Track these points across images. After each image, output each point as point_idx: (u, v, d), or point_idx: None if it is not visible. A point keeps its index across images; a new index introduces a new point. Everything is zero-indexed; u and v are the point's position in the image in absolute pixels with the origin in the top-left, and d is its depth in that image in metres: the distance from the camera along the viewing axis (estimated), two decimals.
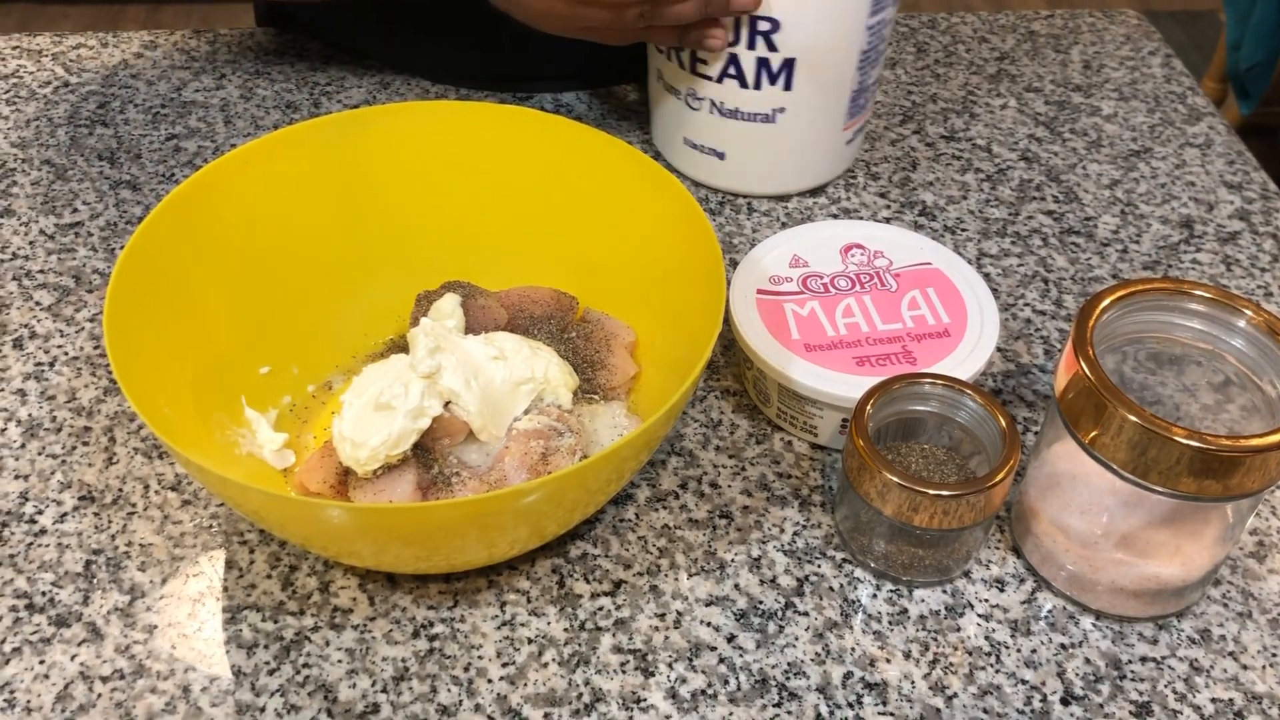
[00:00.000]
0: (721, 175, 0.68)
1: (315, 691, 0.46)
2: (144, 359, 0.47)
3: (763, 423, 0.56)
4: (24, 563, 0.49)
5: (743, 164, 0.67)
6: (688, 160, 0.69)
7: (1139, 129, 0.76)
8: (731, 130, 0.65)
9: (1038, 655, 0.48)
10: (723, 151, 0.67)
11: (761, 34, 0.61)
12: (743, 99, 0.64)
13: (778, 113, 0.64)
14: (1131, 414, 0.43)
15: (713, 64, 0.63)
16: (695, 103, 0.65)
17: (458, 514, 0.43)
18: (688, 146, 0.68)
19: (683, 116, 0.67)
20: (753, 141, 0.66)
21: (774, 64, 0.62)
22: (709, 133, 0.66)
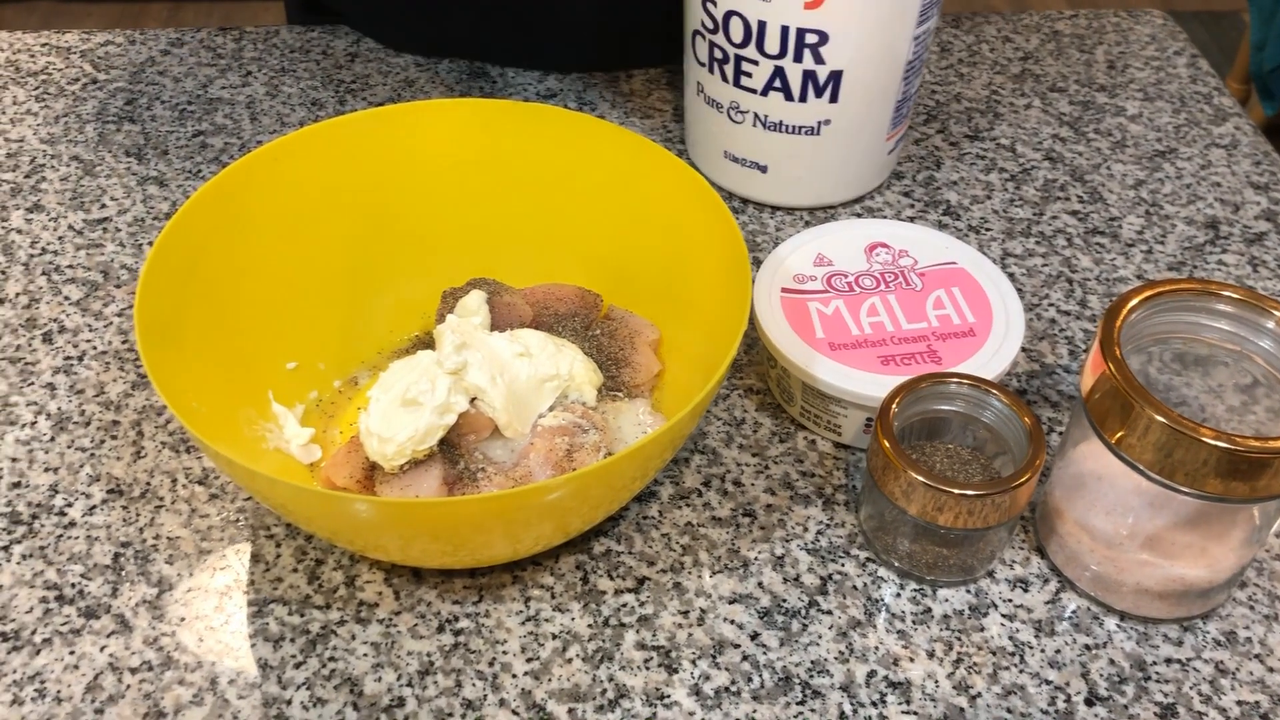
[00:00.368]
0: (763, 188, 0.68)
1: (341, 685, 0.46)
2: (173, 354, 0.47)
3: (786, 421, 0.57)
4: (54, 554, 0.50)
5: (785, 176, 0.66)
6: (727, 174, 0.68)
7: (1164, 129, 0.76)
8: (774, 143, 0.65)
9: (1062, 656, 0.48)
10: (765, 165, 0.66)
11: (809, 47, 0.60)
12: (788, 111, 0.63)
13: (823, 125, 0.64)
14: (1159, 414, 0.43)
15: (757, 77, 0.62)
16: (738, 116, 0.65)
17: (483, 509, 0.43)
18: (728, 160, 0.67)
19: (724, 130, 0.66)
20: (796, 154, 0.65)
21: (820, 76, 0.61)
22: (751, 146, 0.66)
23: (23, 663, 0.46)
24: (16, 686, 0.46)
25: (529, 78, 0.77)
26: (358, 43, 0.79)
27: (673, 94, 0.77)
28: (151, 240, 0.65)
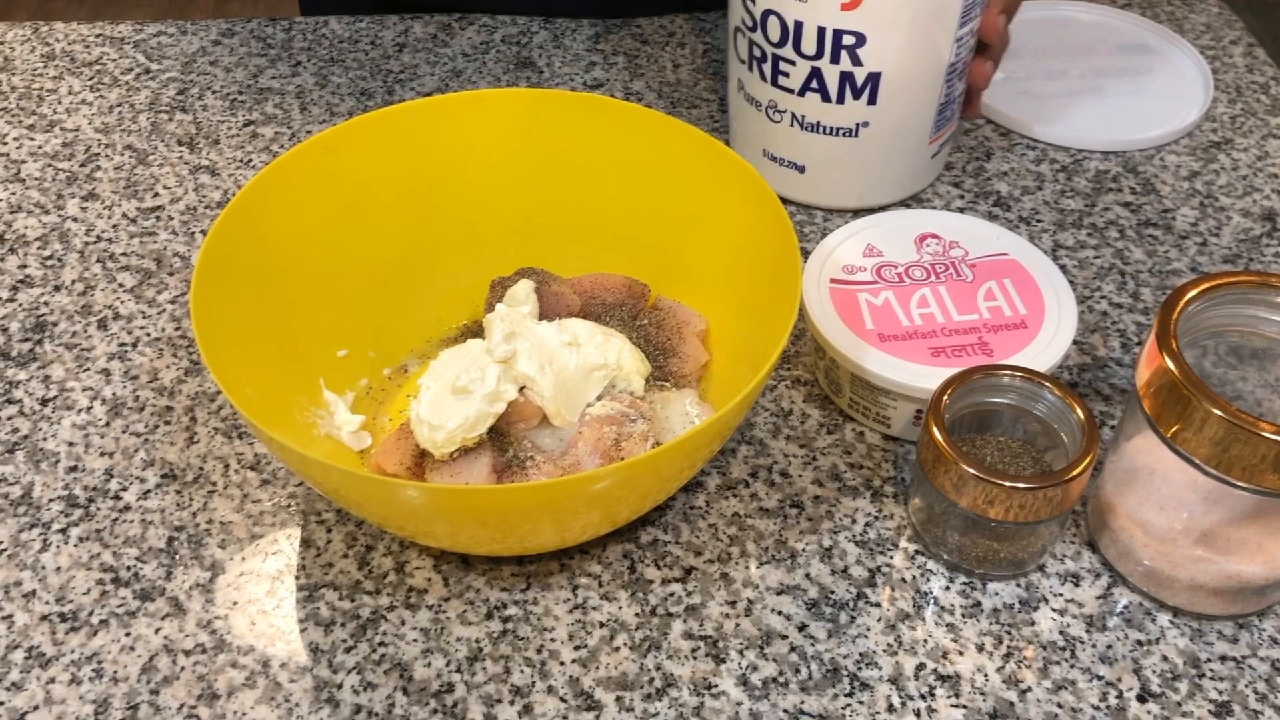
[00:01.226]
0: (801, 189, 0.67)
1: (391, 670, 0.46)
2: (228, 341, 0.48)
3: (834, 413, 0.56)
4: (110, 538, 0.51)
5: (823, 178, 0.66)
6: (766, 173, 0.68)
7: (1219, 119, 0.74)
8: (812, 144, 0.64)
9: (1113, 651, 0.47)
10: (803, 165, 0.66)
11: (846, 48, 0.59)
12: (825, 113, 0.63)
13: (861, 127, 0.63)
14: (1217, 408, 0.43)
15: (794, 77, 0.62)
16: (776, 115, 0.64)
17: (533, 497, 0.44)
18: (767, 159, 0.67)
19: (763, 129, 0.66)
20: (834, 155, 0.65)
21: (858, 78, 0.61)
22: (789, 146, 0.65)
23: (80, 643, 0.47)
24: (75, 666, 0.46)
25: (575, 68, 0.77)
26: (405, 33, 0.80)
27: (719, 83, 0.76)
28: (204, 229, 0.65)
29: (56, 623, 0.48)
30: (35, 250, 0.64)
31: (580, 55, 0.78)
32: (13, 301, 0.61)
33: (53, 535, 0.51)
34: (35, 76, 0.76)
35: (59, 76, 0.76)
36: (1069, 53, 0.78)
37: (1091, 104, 0.74)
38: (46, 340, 0.59)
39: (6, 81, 0.75)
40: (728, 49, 0.67)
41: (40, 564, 0.50)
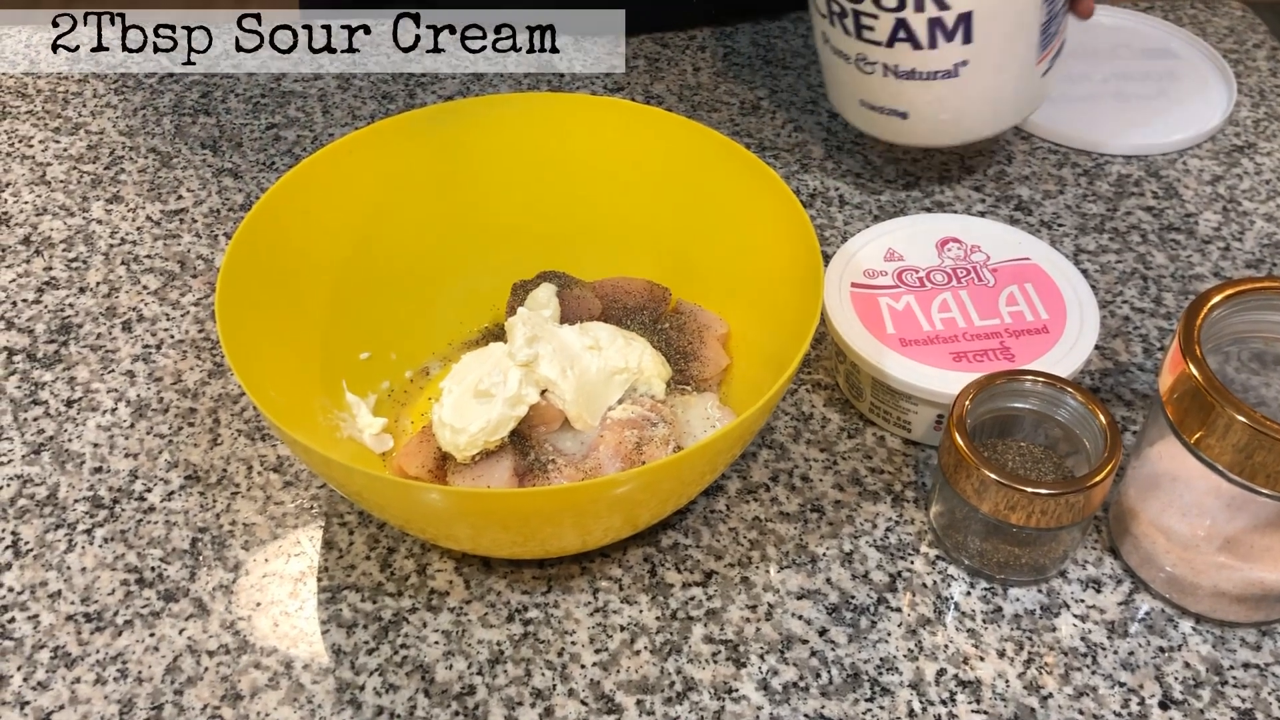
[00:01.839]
0: (907, 133, 0.64)
1: (413, 672, 0.47)
2: (252, 344, 0.48)
3: (855, 417, 0.56)
4: (134, 538, 0.51)
5: (929, 120, 0.63)
6: (868, 121, 0.65)
7: (1242, 123, 0.74)
8: (911, 90, 0.61)
9: (1135, 658, 0.47)
10: (904, 111, 0.63)
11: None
12: (918, 59, 0.60)
13: (960, 66, 0.60)
14: (1240, 415, 0.43)
15: (879, 29, 0.59)
16: (867, 67, 0.62)
17: (555, 501, 0.44)
18: (865, 108, 0.64)
19: (855, 79, 0.63)
20: (937, 98, 0.61)
21: (948, 21, 0.58)
22: (886, 95, 0.62)
23: (105, 643, 0.47)
24: (100, 666, 0.47)
25: (596, 69, 0.77)
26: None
27: (739, 87, 0.76)
28: (227, 231, 0.66)
29: (82, 623, 0.48)
30: (60, 252, 0.64)
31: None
32: (38, 303, 0.62)
33: (78, 536, 0.51)
34: (60, 79, 0.77)
35: (84, 79, 0.77)
36: (1091, 57, 0.78)
37: (1113, 108, 0.74)
38: (72, 342, 0.60)
39: (33, 85, 0.76)
40: (810, 4, 0.64)
41: (66, 564, 0.50)
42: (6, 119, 0.73)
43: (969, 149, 0.71)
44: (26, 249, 0.65)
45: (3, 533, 0.51)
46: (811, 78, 0.77)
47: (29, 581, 0.50)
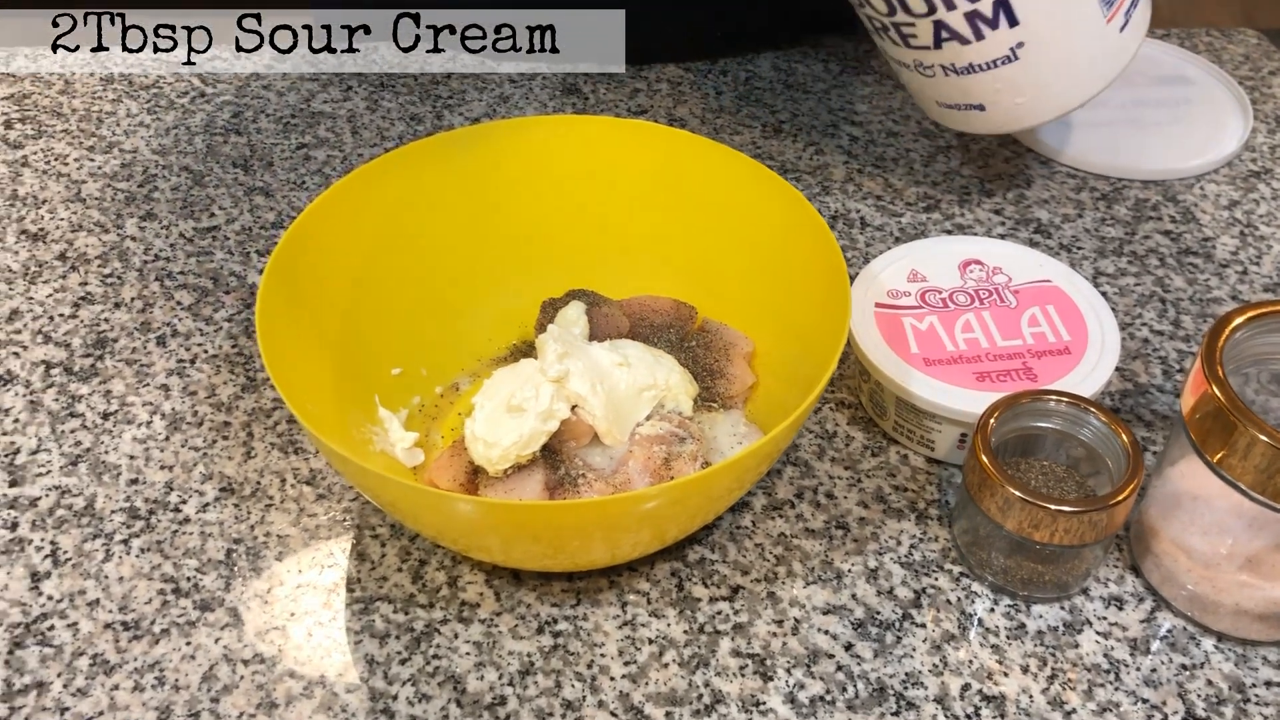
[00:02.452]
0: (991, 123, 0.63)
1: (445, 682, 0.47)
2: (288, 359, 0.49)
3: (878, 435, 0.57)
4: (170, 549, 0.52)
5: (1008, 106, 0.62)
6: (952, 119, 0.65)
7: (1259, 149, 0.75)
8: (977, 83, 0.61)
9: (1158, 675, 0.48)
10: (980, 104, 0.62)
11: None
12: (971, 54, 0.59)
13: (1017, 49, 0.59)
14: (1263, 434, 0.43)
15: (922, 36, 0.59)
16: (926, 71, 0.62)
17: (585, 514, 0.45)
18: (944, 108, 0.65)
19: (922, 84, 0.64)
20: (1008, 84, 0.60)
21: (985, 10, 0.57)
22: (956, 93, 0.62)
23: (143, 651, 0.48)
24: (138, 674, 0.47)
25: (619, 94, 0.79)
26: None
27: (760, 110, 0.78)
28: (259, 248, 0.67)
29: (119, 631, 0.49)
30: (96, 268, 0.66)
31: (625, 82, 0.80)
32: (74, 318, 0.63)
33: (115, 546, 0.52)
34: (95, 99, 0.78)
35: (117, 99, 0.78)
36: None
37: (1131, 133, 0.75)
38: (107, 356, 0.61)
39: (67, 104, 0.77)
40: (859, 22, 0.64)
41: (104, 573, 0.51)
42: (43, 137, 0.75)
43: (989, 173, 0.72)
44: (63, 264, 0.66)
45: (42, 542, 0.52)
46: (832, 101, 0.79)
47: (68, 590, 0.50)
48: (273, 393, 0.59)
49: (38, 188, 0.71)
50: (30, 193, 0.71)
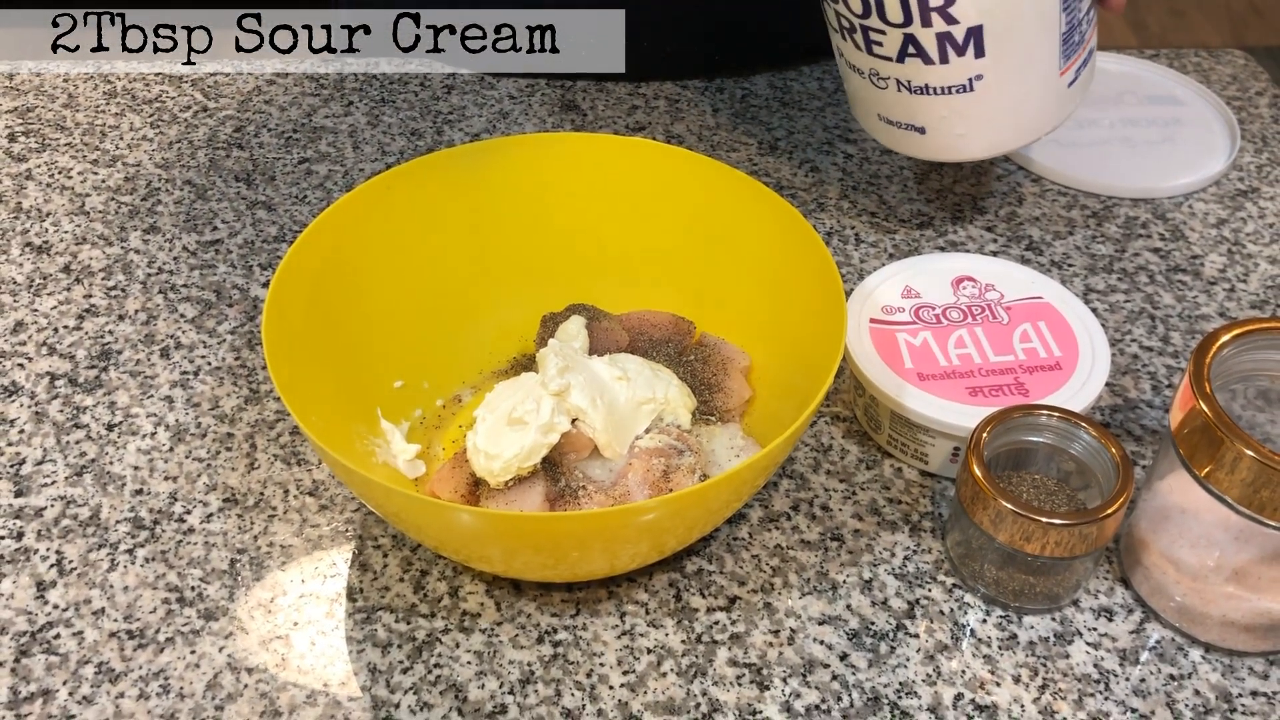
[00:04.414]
0: (927, 148, 0.64)
1: (446, 691, 0.48)
2: (294, 371, 0.50)
3: (873, 449, 0.58)
4: (174, 559, 0.53)
5: (947, 135, 0.62)
6: (888, 136, 0.65)
7: (1246, 168, 0.76)
8: (926, 105, 0.61)
9: (1146, 685, 0.49)
10: (922, 126, 0.62)
11: (935, 10, 0.56)
12: (931, 75, 0.59)
13: (975, 80, 0.59)
14: (1250, 450, 0.44)
15: (888, 45, 0.59)
16: (880, 82, 0.61)
17: (585, 525, 0.45)
18: (883, 123, 0.64)
19: (872, 94, 0.63)
20: (954, 112, 0.61)
21: (958, 36, 0.57)
22: (902, 110, 0.62)
23: (148, 659, 0.49)
24: (142, 682, 0.48)
25: (617, 111, 0.80)
26: (453, 75, 0.82)
27: (757, 127, 0.79)
28: (261, 262, 0.68)
29: (124, 640, 0.50)
30: (100, 280, 0.66)
31: (623, 99, 0.81)
32: (79, 330, 0.63)
33: (120, 555, 0.53)
34: (98, 113, 0.79)
35: (121, 113, 0.79)
36: (1099, 103, 0.80)
37: (1121, 152, 0.76)
38: (112, 367, 0.61)
39: (70, 118, 0.78)
40: (825, 15, 0.64)
41: (109, 583, 0.52)
42: (46, 151, 0.75)
43: (981, 190, 0.74)
44: (67, 277, 0.67)
45: (47, 552, 0.53)
46: (827, 119, 0.80)
47: (73, 599, 0.51)
48: (276, 404, 0.59)
49: (42, 200, 0.72)
50: (34, 205, 0.71)
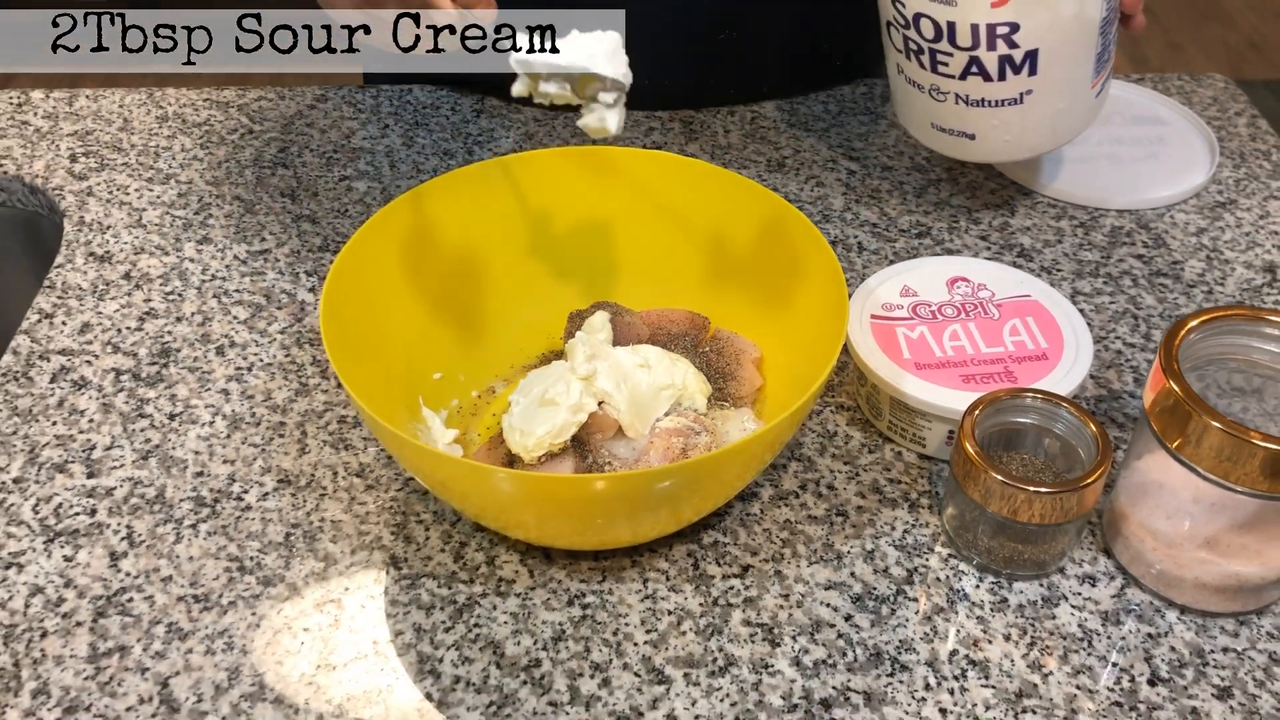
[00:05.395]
0: (973, 152, 0.72)
1: (485, 647, 0.53)
2: (345, 364, 0.55)
3: (874, 435, 0.63)
4: (234, 532, 0.58)
5: (994, 141, 0.71)
6: (939, 141, 0.73)
7: (1225, 182, 0.81)
8: (979, 116, 0.69)
9: (1126, 642, 0.53)
10: (972, 134, 0.70)
11: (1001, 37, 0.64)
12: (988, 90, 0.67)
13: (1025, 95, 0.67)
14: (1215, 421, 0.49)
15: (953, 65, 0.67)
16: (939, 96, 0.69)
17: (610, 487, 0.50)
18: (936, 130, 0.72)
19: (927, 106, 0.71)
20: (1002, 122, 0.69)
21: (1017, 58, 0.65)
22: (956, 119, 0.70)
23: (213, 620, 0.54)
24: (209, 640, 0.53)
25: (635, 132, 0.85)
26: (482, 100, 0.88)
27: (765, 147, 0.84)
28: (308, 269, 0.73)
29: (191, 603, 0.54)
30: (158, 286, 0.72)
31: (640, 120, 0.86)
32: (140, 330, 0.69)
33: (184, 530, 0.58)
34: (151, 135, 0.85)
35: (173, 135, 0.85)
36: None
37: (1107, 168, 0.81)
38: (171, 364, 0.67)
39: (127, 140, 0.84)
40: (883, 36, 0.72)
41: (175, 554, 0.57)
42: (105, 170, 0.81)
43: (976, 203, 0.79)
44: (128, 283, 0.72)
45: (119, 526, 0.58)
46: (831, 139, 0.85)
47: (143, 568, 0.56)
48: (324, 396, 0.65)
49: (102, 215, 0.77)
50: (96, 219, 0.77)
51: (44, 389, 0.65)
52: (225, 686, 0.51)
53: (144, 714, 0.50)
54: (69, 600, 0.54)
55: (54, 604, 0.54)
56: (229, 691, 0.51)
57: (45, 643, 0.53)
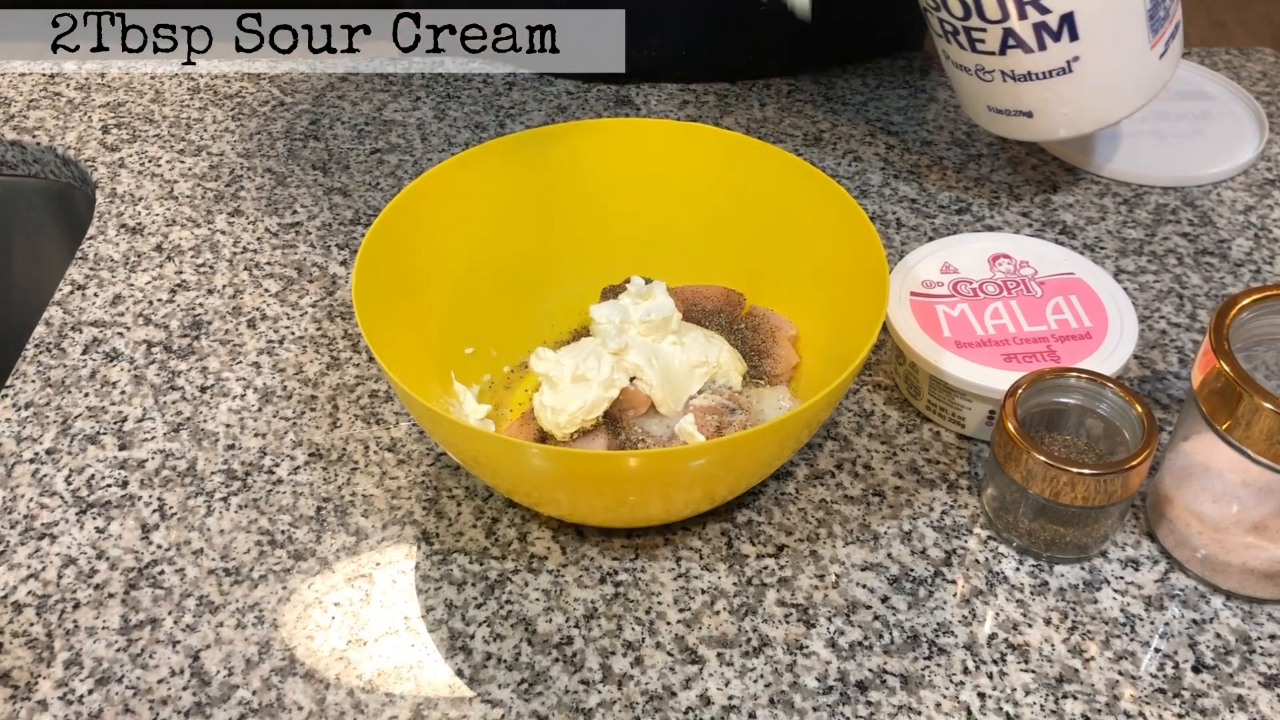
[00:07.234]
0: (1036, 130, 0.70)
1: (517, 624, 0.52)
2: (378, 338, 0.54)
3: (913, 414, 0.62)
4: (265, 506, 0.57)
5: (1054, 115, 0.68)
6: (999, 124, 0.71)
7: (1274, 159, 0.79)
8: (1031, 90, 0.67)
9: (1170, 628, 0.52)
10: (1029, 110, 0.69)
11: (1030, 3, 0.63)
12: (1031, 62, 0.65)
13: (1073, 62, 0.65)
14: (1267, 403, 0.48)
15: (990, 41, 0.65)
16: (986, 76, 0.68)
17: (643, 464, 0.49)
18: (993, 113, 0.71)
19: (979, 88, 0.70)
20: (1057, 95, 0.67)
21: (1052, 24, 0.63)
22: (1009, 98, 0.69)
23: (243, 594, 0.53)
24: (240, 613, 0.53)
25: (669, 105, 0.84)
26: (514, 74, 0.87)
27: (802, 120, 0.83)
28: (338, 243, 0.72)
29: (222, 576, 0.54)
30: (190, 258, 0.71)
31: (674, 94, 0.85)
32: (172, 302, 0.68)
33: (215, 503, 0.57)
34: (183, 107, 0.84)
35: (204, 107, 0.84)
36: None
37: (1152, 144, 0.79)
38: (203, 336, 0.66)
39: (159, 111, 0.84)
40: (928, 23, 0.71)
41: (206, 526, 0.56)
42: (137, 141, 0.81)
43: (1017, 179, 0.77)
44: (159, 255, 0.72)
45: (150, 499, 0.58)
46: (869, 113, 0.84)
47: (175, 540, 0.56)
48: (356, 370, 0.64)
49: (134, 186, 0.77)
50: (127, 191, 0.77)
51: (76, 360, 0.65)
52: (256, 660, 0.51)
53: (175, 686, 0.50)
54: (101, 571, 0.54)
55: (86, 575, 0.54)
56: (259, 665, 0.51)
57: (78, 614, 0.53)
